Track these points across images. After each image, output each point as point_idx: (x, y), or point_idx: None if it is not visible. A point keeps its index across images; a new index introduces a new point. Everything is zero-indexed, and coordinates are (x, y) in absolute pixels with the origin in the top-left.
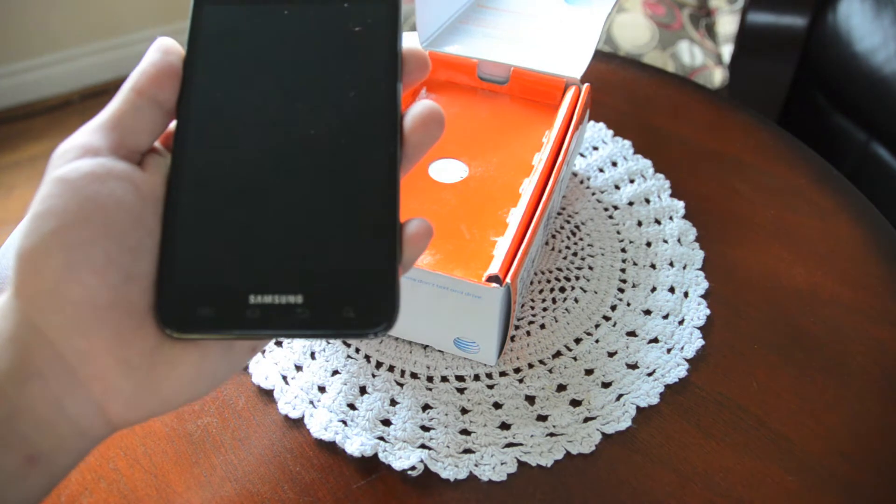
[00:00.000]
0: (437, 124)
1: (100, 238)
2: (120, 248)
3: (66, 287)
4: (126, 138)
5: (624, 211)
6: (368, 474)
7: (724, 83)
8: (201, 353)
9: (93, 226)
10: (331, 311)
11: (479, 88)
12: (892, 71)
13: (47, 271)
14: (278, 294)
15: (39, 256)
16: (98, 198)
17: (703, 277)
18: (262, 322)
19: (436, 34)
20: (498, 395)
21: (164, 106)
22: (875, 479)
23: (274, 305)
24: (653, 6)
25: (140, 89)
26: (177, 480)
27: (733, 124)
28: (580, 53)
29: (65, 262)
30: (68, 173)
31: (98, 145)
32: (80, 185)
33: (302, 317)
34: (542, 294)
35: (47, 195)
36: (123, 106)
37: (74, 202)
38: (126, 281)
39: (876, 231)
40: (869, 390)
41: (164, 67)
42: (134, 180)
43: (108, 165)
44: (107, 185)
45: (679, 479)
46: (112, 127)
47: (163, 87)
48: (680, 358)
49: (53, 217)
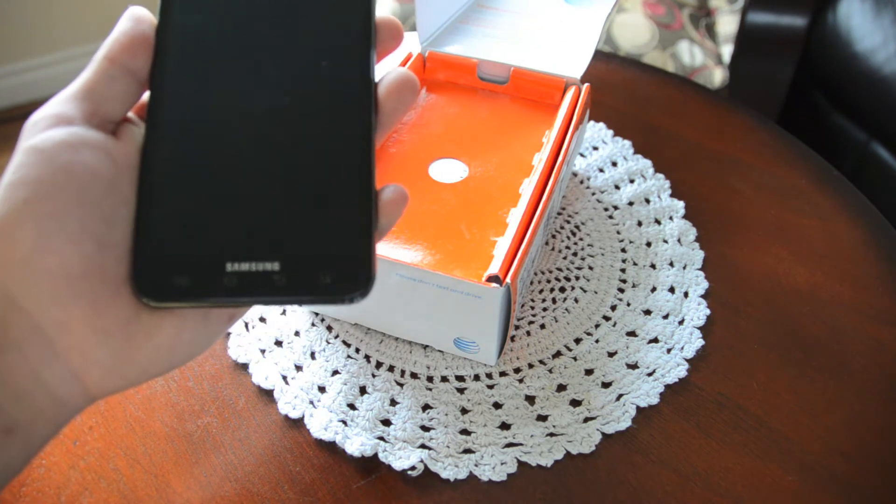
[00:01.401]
0: (410, 90)
1: (74, 207)
2: (94, 217)
3: (40, 256)
4: (99, 107)
5: (624, 211)
6: (368, 474)
7: (724, 83)
8: (179, 322)
9: (67, 195)
10: (307, 277)
11: (479, 88)
12: (892, 71)
13: (21, 241)
14: (255, 261)
15: (13, 226)
16: (72, 167)
17: (703, 277)
18: (239, 289)
19: (436, 34)
20: (498, 395)
21: (137, 75)
22: (875, 479)
23: (250, 273)
24: (653, 6)
25: (112, 58)
26: (177, 480)
27: (733, 124)
28: (580, 53)
29: (38, 231)
30: (41, 142)
31: (71, 114)
32: (53, 155)
33: (278, 283)
34: (542, 294)
35: (20, 164)
36: (96, 75)
37: (48, 171)
38: (101, 250)
39: (876, 231)
40: (869, 390)
41: (137, 36)
42: (108, 149)
43: (81, 134)
44: (80, 154)
45: (679, 479)
46: (85, 96)
47: (135, 55)
48: (680, 358)
49: (26, 187)
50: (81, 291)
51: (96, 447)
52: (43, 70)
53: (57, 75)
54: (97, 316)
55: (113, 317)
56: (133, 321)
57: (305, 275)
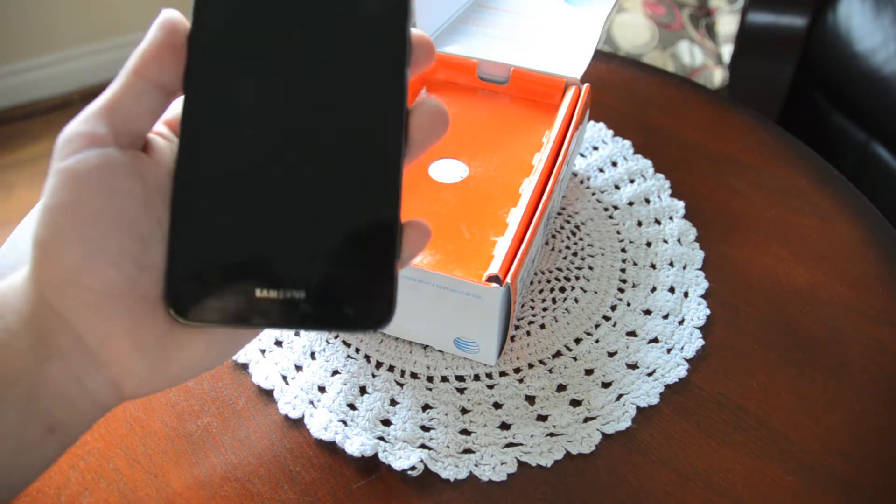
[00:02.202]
0: (442, 124)
1: (113, 230)
2: (132, 239)
3: (84, 277)
4: (129, 124)
5: (624, 211)
6: (368, 474)
7: (724, 83)
8: (208, 337)
9: (106, 219)
10: (331, 307)
11: (479, 88)
12: (892, 71)
13: (65, 262)
14: (283, 289)
15: (57, 248)
16: (109, 191)
17: (703, 277)
18: (266, 315)
19: (436, 34)
20: (498, 395)
21: (167, 88)
22: (875, 479)
23: (278, 300)
24: (653, 6)
25: (141, 71)
26: (177, 480)
27: (733, 124)
28: (580, 53)
29: (81, 255)
30: (76, 166)
31: (102, 133)
32: (89, 179)
33: (304, 311)
34: (542, 294)
35: (57, 188)
36: (124, 89)
37: (86, 196)
38: (139, 270)
39: (876, 231)
40: (869, 390)
41: (167, 47)
42: (140, 170)
43: (113, 157)
44: (115, 177)
45: (679, 479)
46: (114, 112)
47: (165, 68)
48: (680, 358)
49: (67, 211)
50: (121, 309)
51: (96, 447)
52: (43, 70)
53: (57, 75)
54: (136, 332)
55: (150, 333)
56: (167, 336)
57: (330, 305)
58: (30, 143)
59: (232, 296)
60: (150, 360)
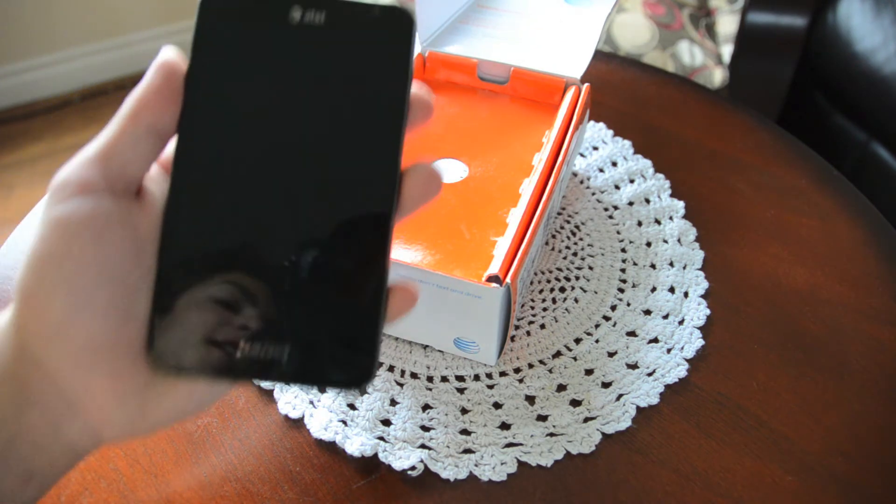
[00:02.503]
0: (435, 187)
1: (101, 282)
2: (120, 291)
3: (67, 328)
4: (123, 171)
5: (624, 211)
6: (368, 474)
7: (724, 83)
8: (190, 387)
9: (94, 271)
10: (314, 365)
11: (479, 88)
12: (892, 71)
13: (50, 313)
14: (266, 344)
15: (42, 298)
16: (98, 242)
17: (703, 277)
18: (248, 369)
19: (436, 34)
20: (498, 395)
21: (163, 133)
22: (875, 479)
23: (260, 355)
24: (653, 6)
25: (138, 116)
26: (177, 480)
27: (733, 124)
28: (580, 53)
29: (67, 305)
30: (67, 215)
31: (95, 181)
32: (79, 230)
33: (286, 368)
34: (542, 294)
35: (46, 237)
36: (120, 135)
37: (76, 247)
38: (125, 322)
39: (876, 231)
40: (869, 390)
41: (164, 91)
42: (132, 220)
43: (106, 207)
44: (107, 228)
45: (679, 479)
46: (109, 159)
47: (162, 113)
48: (680, 358)
49: (55, 261)
50: (103, 360)
51: None
52: (43, 70)
53: (57, 75)
54: (117, 381)
55: (131, 381)
56: (149, 385)
57: (313, 363)
58: (30, 143)
59: (214, 348)
60: (130, 409)
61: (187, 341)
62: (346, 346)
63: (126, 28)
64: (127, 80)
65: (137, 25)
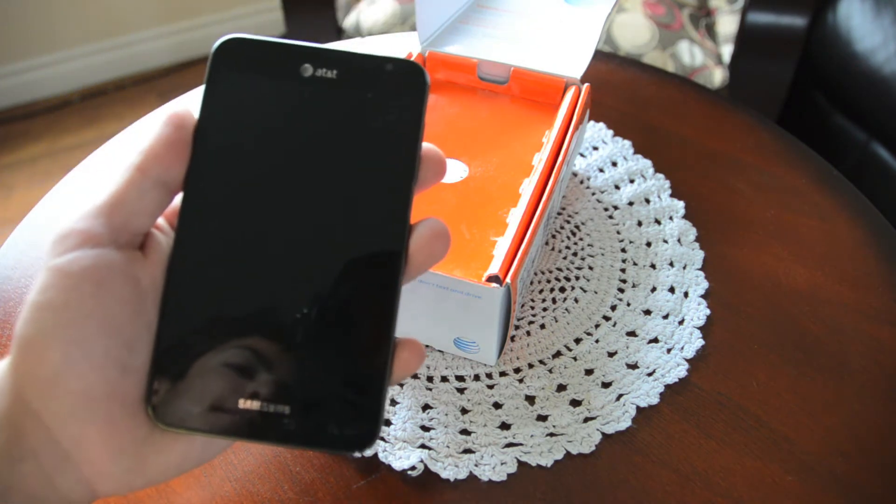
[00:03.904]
0: (443, 246)
1: (100, 335)
2: (118, 343)
3: (64, 379)
4: (128, 223)
5: (624, 211)
6: (368, 474)
7: (724, 83)
8: (188, 442)
9: (93, 322)
10: (315, 426)
11: (479, 88)
12: (892, 71)
13: (47, 362)
14: (267, 402)
15: (39, 347)
16: (99, 294)
17: (703, 277)
18: (248, 427)
19: (436, 34)
20: (498, 395)
21: (170, 185)
22: (875, 479)
23: (261, 413)
24: (653, 6)
25: (145, 168)
26: (177, 480)
27: (733, 124)
28: (580, 53)
29: (64, 356)
30: (69, 266)
31: (99, 232)
32: (80, 281)
33: (287, 427)
34: (542, 294)
35: (47, 286)
36: (126, 187)
37: (75, 298)
38: (122, 374)
39: (876, 231)
40: (869, 390)
41: (173, 144)
42: (134, 273)
43: (108, 259)
44: (107, 281)
45: (679, 479)
46: (114, 211)
47: (170, 166)
48: (680, 358)
49: (54, 311)
50: (100, 412)
51: None
52: (43, 70)
53: (57, 75)
54: (113, 434)
55: (128, 436)
56: (146, 440)
57: (315, 423)
58: (30, 143)
59: (215, 405)
60: (126, 463)
61: (187, 397)
62: (350, 409)
63: (126, 28)
64: (127, 80)
65: (137, 25)
